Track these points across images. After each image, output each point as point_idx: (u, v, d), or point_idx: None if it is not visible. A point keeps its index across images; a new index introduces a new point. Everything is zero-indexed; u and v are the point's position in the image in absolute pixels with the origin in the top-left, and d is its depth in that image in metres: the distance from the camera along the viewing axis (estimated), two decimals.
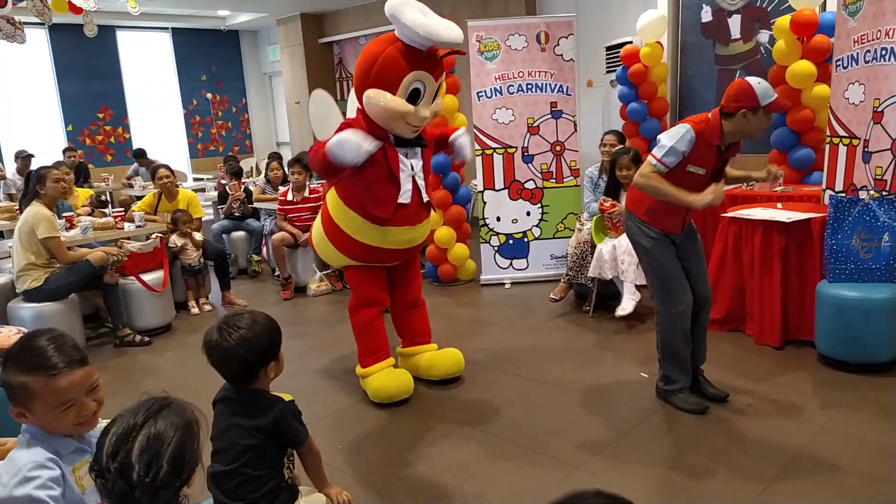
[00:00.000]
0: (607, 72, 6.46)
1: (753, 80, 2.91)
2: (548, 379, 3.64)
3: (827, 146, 4.25)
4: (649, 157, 3.04)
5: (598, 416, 3.17)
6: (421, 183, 3.35)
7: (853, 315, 3.40)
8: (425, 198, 3.39)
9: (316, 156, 3.21)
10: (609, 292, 4.76)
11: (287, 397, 1.95)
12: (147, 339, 4.68)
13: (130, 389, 3.93)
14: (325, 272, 5.76)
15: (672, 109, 5.88)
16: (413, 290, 3.72)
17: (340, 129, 3.21)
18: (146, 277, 4.78)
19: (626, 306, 4.49)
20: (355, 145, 3.05)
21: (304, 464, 2.02)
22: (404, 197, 3.28)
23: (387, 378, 3.43)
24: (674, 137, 2.96)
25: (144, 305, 4.79)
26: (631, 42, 5.90)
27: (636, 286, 4.35)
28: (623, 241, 4.35)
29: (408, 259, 3.65)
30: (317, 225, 3.71)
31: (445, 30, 3.12)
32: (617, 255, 4.32)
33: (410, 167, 3.30)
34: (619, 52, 6.10)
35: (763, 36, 5.30)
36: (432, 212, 3.55)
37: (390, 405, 3.42)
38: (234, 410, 1.88)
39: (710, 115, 3.03)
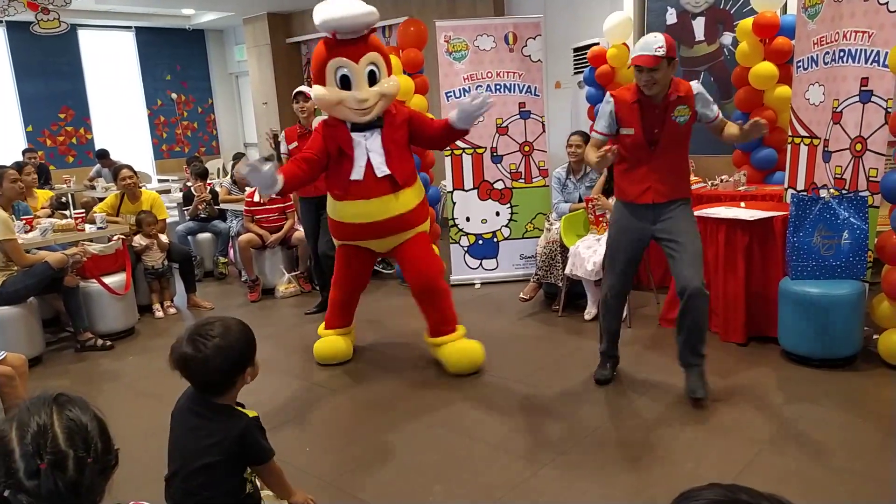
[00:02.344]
0: (575, 73, 6.51)
1: (645, 36, 3.12)
2: (517, 378, 3.64)
3: (789, 146, 4.33)
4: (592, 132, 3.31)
5: (567, 415, 3.18)
6: (378, 159, 3.50)
7: (815, 311, 3.47)
8: (379, 172, 3.51)
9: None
10: (577, 291, 4.78)
11: (252, 413, 1.89)
12: (109, 343, 4.57)
13: (91, 394, 3.82)
14: (293, 273, 5.70)
15: None
16: (418, 276, 3.73)
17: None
18: (108, 280, 4.67)
19: (592, 310, 4.53)
20: (265, 187, 3.33)
21: (266, 482, 1.97)
22: (356, 173, 3.50)
23: (327, 343, 3.98)
24: (599, 110, 3.30)
25: (106, 309, 4.68)
26: (598, 43, 5.95)
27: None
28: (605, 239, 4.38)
29: (398, 241, 3.71)
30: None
31: (340, 13, 3.31)
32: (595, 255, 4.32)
33: (365, 147, 3.50)
34: (586, 53, 6.15)
35: (726, 38, 5.39)
36: (406, 190, 3.62)
37: (362, 407, 3.39)
38: (195, 424, 1.83)
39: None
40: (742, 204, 4.20)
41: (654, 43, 2.99)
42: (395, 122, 3.60)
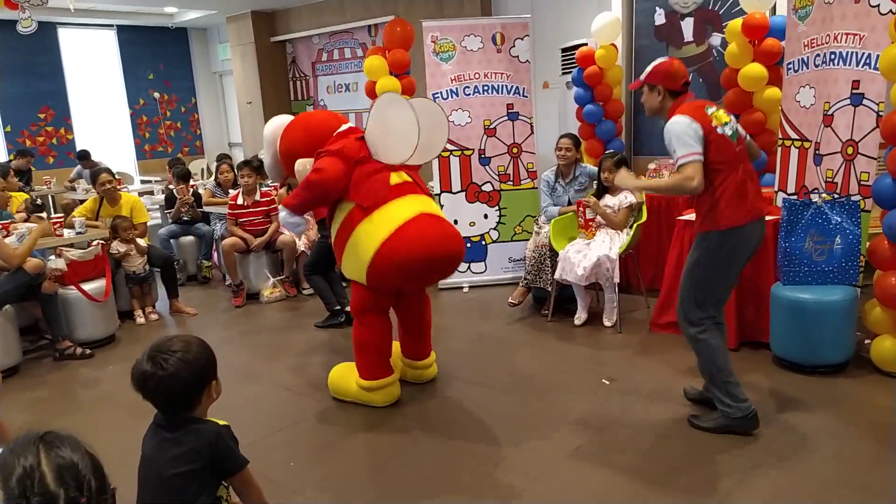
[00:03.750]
0: (563, 73, 6.45)
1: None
2: (507, 387, 3.58)
3: (779, 149, 4.30)
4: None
5: (559, 426, 3.12)
6: None
7: (807, 317, 3.43)
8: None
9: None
10: (566, 295, 4.73)
11: (222, 422, 1.83)
12: (88, 351, 4.46)
13: (70, 406, 3.74)
14: (278, 278, 5.60)
15: (627, 111, 5.89)
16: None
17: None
18: (87, 287, 4.56)
19: (582, 315, 4.48)
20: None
21: (243, 496, 1.88)
22: None
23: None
24: None
25: (86, 316, 4.57)
26: (586, 44, 5.89)
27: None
28: (597, 244, 4.33)
29: None
30: None
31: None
32: (596, 259, 4.25)
33: None
34: (574, 53, 6.09)
35: (715, 39, 5.35)
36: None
37: (349, 418, 3.31)
38: (162, 438, 1.76)
39: None
40: None
41: (649, 66, 2.99)
42: None
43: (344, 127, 3.54)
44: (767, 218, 3.75)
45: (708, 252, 2.88)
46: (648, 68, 3.00)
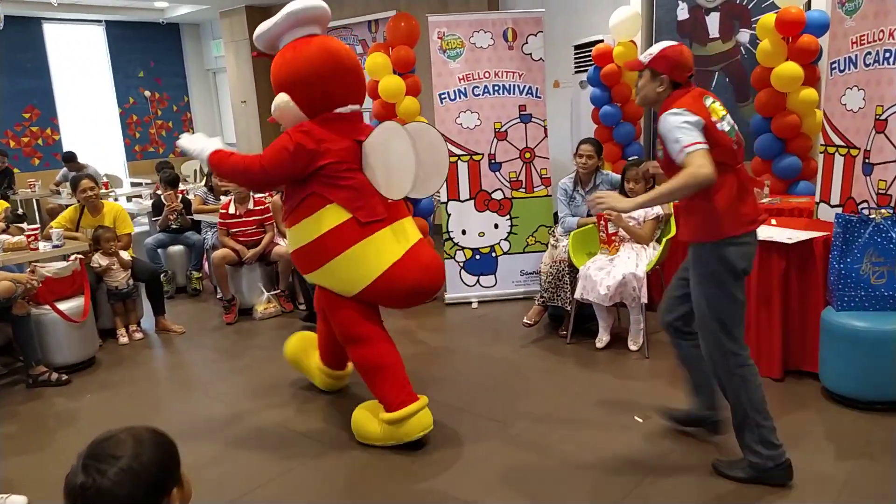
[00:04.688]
0: (576, 72, 6.08)
1: None
2: (528, 425, 3.20)
3: (821, 156, 3.92)
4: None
5: (587, 475, 2.74)
6: None
7: (863, 347, 3.06)
8: None
9: None
10: (586, 313, 4.36)
11: None
12: (65, 377, 4.07)
13: (40, 443, 3.35)
14: (273, 292, 5.22)
15: (646, 113, 5.52)
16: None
17: None
18: (64, 306, 4.17)
19: (604, 337, 4.11)
20: None
21: None
22: None
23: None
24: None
25: (62, 338, 4.17)
26: (602, 41, 5.52)
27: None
28: (621, 260, 3.96)
29: None
30: None
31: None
32: (621, 278, 3.88)
33: None
34: (588, 51, 5.73)
35: (743, 35, 4.98)
36: (290, 228, 3.19)
37: (354, 466, 2.93)
38: None
39: None
40: (773, 221, 3.78)
41: (652, 48, 2.59)
42: None
43: (348, 109, 3.12)
44: (815, 234, 3.43)
45: (719, 267, 2.50)
46: (654, 50, 2.56)
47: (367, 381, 3.12)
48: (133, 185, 9.98)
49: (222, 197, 5.79)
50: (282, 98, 3.07)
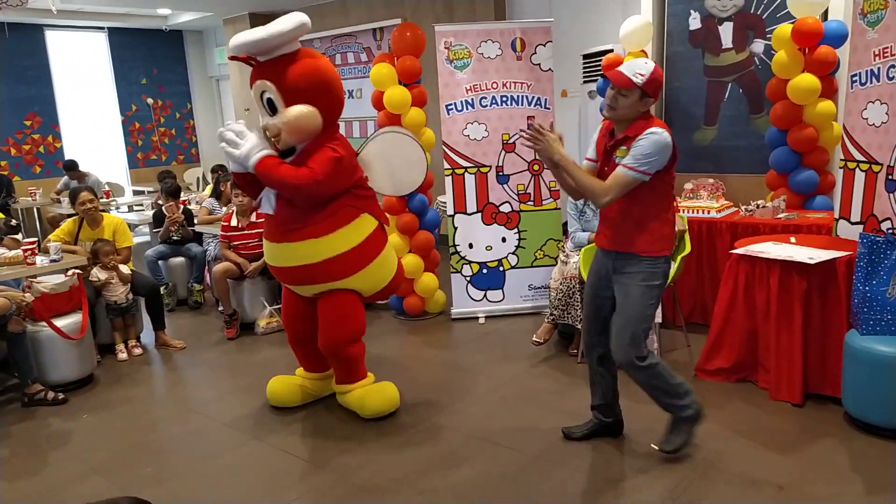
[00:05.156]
0: (584, 82, 5.96)
1: (637, 59, 2.76)
2: (542, 451, 3.07)
3: (841, 171, 3.80)
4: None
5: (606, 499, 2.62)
6: (271, 196, 3.26)
7: (889, 373, 2.93)
8: (270, 210, 3.27)
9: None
10: None
11: None
12: (61, 395, 3.96)
13: (34, 467, 3.22)
14: (275, 307, 5.10)
15: None
16: (321, 339, 3.42)
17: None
18: (61, 323, 4.05)
19: None
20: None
21: None
22: (265, 207, 3.29)
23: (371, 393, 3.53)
24: None
25: (59, 356, 4.06)
26: (612, 50, 5.40)
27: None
28: None
29: (302, 288, 3.42)
30: None
31: (238, 36, 3.13)
32: None
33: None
34: (597, 60, 5.61)
35: (758, 46, 4.86)
36: (313, 240, 3.20)
37: (358, 493, 2.81)
38: None
39: None
40: (792, 239, 3.66)
41: (640, 67, 2.61)
42: (301, 158, 3.19)
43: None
44: (839, 254, 3.31)
45: (659, 279, 2.78)
46: (644, 71, 2.59)
47: (346, 369, 3.48)
48: (135, 193, 9.89)
49: (229, 204, 5.69)
50: (308, 108, 3.07)
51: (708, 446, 2.98)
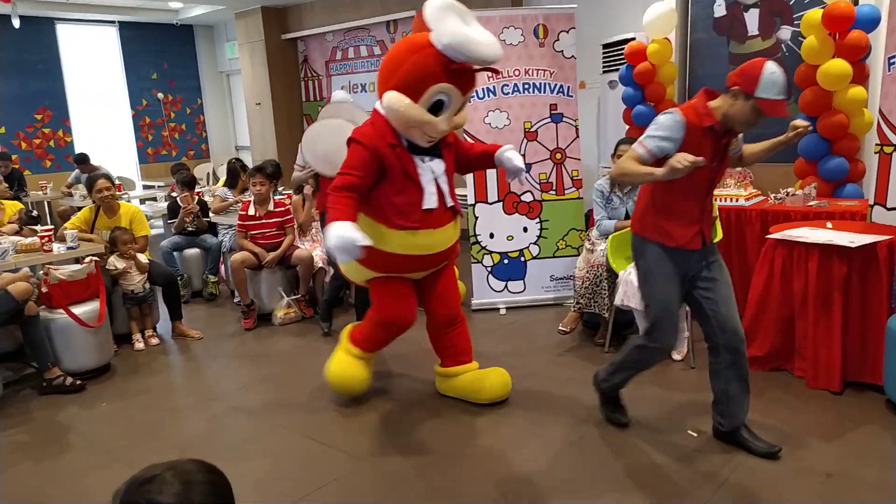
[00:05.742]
0: (604, 72, 5.89)
1: (770, 67, 2.47)
2: (573, 438, 2.99)
3: (877, 156, 3.71)
4: (633, 145, 2.63)
5: (642, 490, 2.54)
6: (445, 187, 3.15)
7: None
8: (449, 202, 3.18)
9: (328, 214, 2.91)
10: (623, 321, 4.16)
11: None
12: (79, 382, 3.89)
13: (52, 453, 3.15)
14: (293, 297, 5.03)
15: None
16: (450, 305, 3.42)
17: (353, 136, 3.06)
18: (78, 310, 3.99)
19: None
20: (342, 253, 2.70)
21: None
22: (429, 202, 3.08)
23: (348, 369, 3.39)
24: (661, 123, 2.58)
25: (76, 344, 3.99)
26: (634, 38, 5.33)
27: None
28: None
29: (437, 269, 3.37)
30: None
31: (485, 46, 2.91)
32: None
33: (431, 171, 3.10)
34: (618, 50, 5.54)
35: (784, 32, 4.78)
36: (458, 217, 3.29)
37: (388, 480, 2.73)
38: None
39: (694, 98, 2.66)
40: (828, 224, 3.58)
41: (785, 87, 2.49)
42: (450, 147, 3.25)
43: None
44: (880, 238, 3.22)
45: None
46: (776, 90, 2.46)
47: (465, 338, 3.53)
48: (145, 188, 9.82)
49: (244, 193, 5.64)
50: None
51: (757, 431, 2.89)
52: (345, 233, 2.66)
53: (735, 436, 2.79)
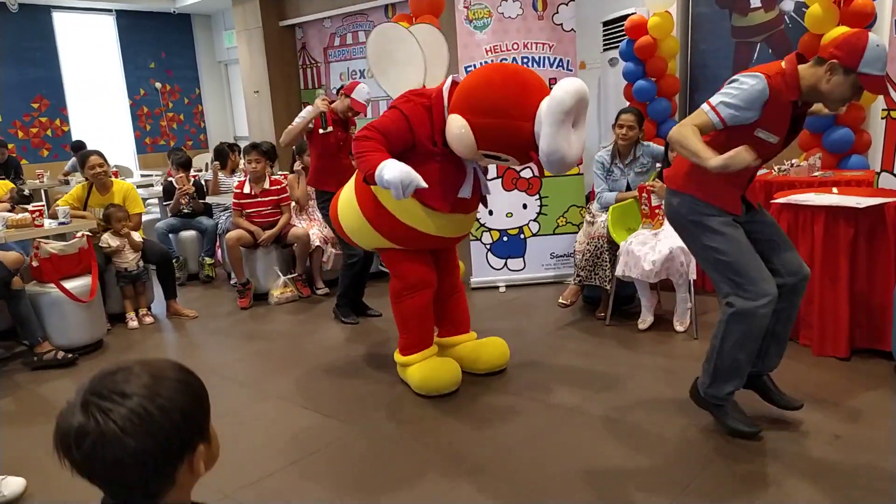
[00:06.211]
0: (605, 49, 5.80)
1: (875, 39, 2.24)
2: (576, 406, 2.92)
3: (883, 122, 3.63)
4: (702, 106, 2.36)
5: (649, 460, 2.46)
6: (482, 176, 3.11)
7: None
8: (485, 191, 3.16)
9: (363, 161, 2.74)
10: (623, 295, 4.09)
11: None
12: (71, 355, 3.82)
13: (41, 423, 3.08)
14: (289, 276, 4.96)
15: (682, 88, 5.24)
16: (451, 273, 3.38)
17: (403, 108, 2.89)
18: (70, 285, 3.92)
19: (648, 318, 3.83)
20: (402, 188, 2.60)
21: None
22: (465, 191, 3.01)
23: (434, 368, 3.10)
24: (741, 89, 2.28)
25: (68, 319, 3.92)
26: (635, 13, 5.24)
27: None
28: (666, 234, 3.68)
29: (440, 249, 3.32)
30: (349, 199, 3.24)
31: (570, 165, 2.74)
32: (668, 252, 3.59)
33: (472, 161, 2.99)
34: (618, 26, 5.45)
35: (787, 4, 4.69)
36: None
37: (386, 446, 2.66)
38: None
39: (783, 62, 2.37)
40: (834, 189, 3.49)
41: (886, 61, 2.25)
42: None
43: None
44: (887, 199, 3.14)
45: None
46: (880, 65, 2.23)
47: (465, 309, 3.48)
48: (143, 176, 9.75)
49: (234, 173, 5.57)
50: None
51: (755, 398, 2.80)
52: (403, 167, 2.61)
53: (760, 382, 2.65)
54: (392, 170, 2.59)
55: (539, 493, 2.26)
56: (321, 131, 4.18)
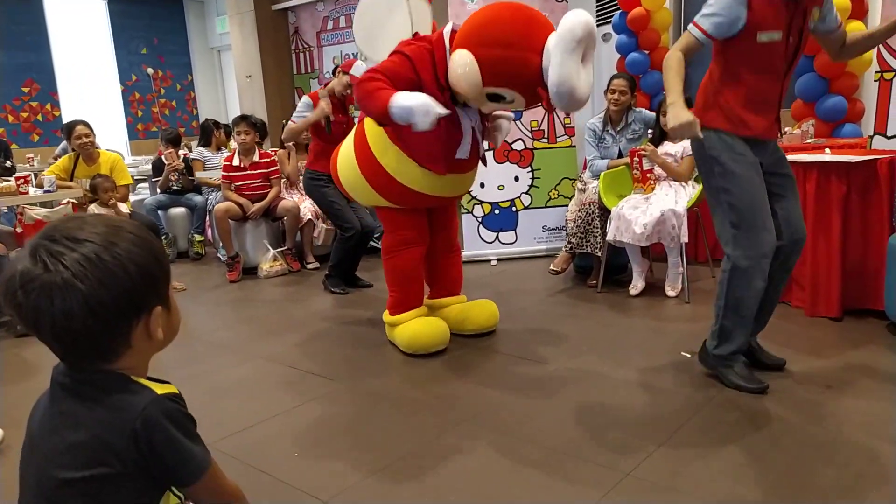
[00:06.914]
0: (598, 24, 5.76)
1: None
2: (567, 364, 2.88)
3: (875, 84, 3.61)
4: (689, 26, 2.34)
5: (640, 409, 2.43)
6: (479, 136, 3.03)
7: None
8: (482, 151, 3.10)
9: (372, 99, 2.63)
10: (615, 264, 4.05)
11: (166, 388, 1.01)
12: None
13: (20, 377, 3.03)
14: (279, 249, 4.91)
15: None
16: (452, 233, 3.35)
17: (406, 51, 2.79)
18: None
19: (639, 284, 3.80)
20: (423, 115, 2.52)
21: None
22: (463, 152, 2.93)
23: (422, 326, 3.05)
24: None
25: None
26: None
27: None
28: (658, 197, 3.64)
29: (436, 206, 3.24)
30: (348, 154, 3.18)
31: (582, 101, 2.62)
32: (659, 215, 3.55)
33: (469, 118, 2.91)
34: (611, 2, 5.42)
35: None
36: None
37: (367, 400, 2.61)
38: (58, 410, 0.97)
39: None
40: (827, 150, 3.46)
41: None
42: None
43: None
44: (882, 156, 3.11)
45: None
46: None
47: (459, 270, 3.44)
48: (134, 160, 9.69)
49: (221, 149, 5.51)
50: None
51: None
52: (419, 94, 2.54)
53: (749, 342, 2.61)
54: (407, 98, 2.52)
55: (528, 440, 2.22)
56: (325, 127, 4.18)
